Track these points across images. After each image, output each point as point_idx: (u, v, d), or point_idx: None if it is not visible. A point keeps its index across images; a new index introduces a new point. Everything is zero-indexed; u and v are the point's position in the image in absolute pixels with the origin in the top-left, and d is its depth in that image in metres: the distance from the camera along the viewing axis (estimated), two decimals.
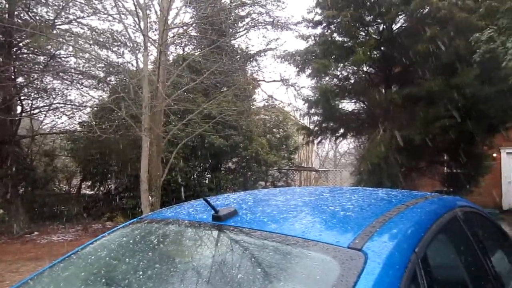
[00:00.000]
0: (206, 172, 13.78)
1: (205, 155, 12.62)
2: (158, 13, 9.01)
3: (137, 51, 9.46)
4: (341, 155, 26.75)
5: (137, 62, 9.23)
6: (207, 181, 13.26)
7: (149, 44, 8.60)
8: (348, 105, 11.16)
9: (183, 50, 14.28)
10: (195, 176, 12.80)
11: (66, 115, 11.68)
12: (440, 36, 7.53)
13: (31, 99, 11.23)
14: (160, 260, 1.55)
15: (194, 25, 11.74)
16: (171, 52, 12.94)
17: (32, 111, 11.20)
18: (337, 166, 24.81)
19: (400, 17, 9.02)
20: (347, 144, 21.40)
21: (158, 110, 8.69)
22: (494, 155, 13.01)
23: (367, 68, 10.16)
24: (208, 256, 1.46)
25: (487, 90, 7.32)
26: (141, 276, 1.42)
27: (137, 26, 8.70)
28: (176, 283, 1.35)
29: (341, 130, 10.97)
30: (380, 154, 7.96)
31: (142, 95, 8.28)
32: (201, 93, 12.05)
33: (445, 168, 11.01)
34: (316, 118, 10.74)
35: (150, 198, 8.47)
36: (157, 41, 8.53)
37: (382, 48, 9.46)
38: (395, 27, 9.40)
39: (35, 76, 10.40)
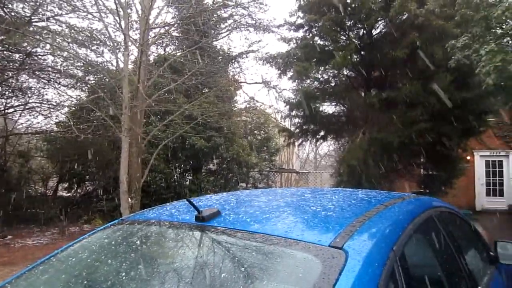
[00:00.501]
0: (187, 174, 13.70)
1: (186, 156, 12.55)
2: (139, 12, 8.93)
3: (117, 51, 9.32)
4: (321, 157, 27.01)
5: (117, 62, 9.11)
6: (188, 183, 13.18)
7: (129, 43, 8.50)
8: (328, 108, 11.32)
9: (165, 50, 14.16)
10: (175, 177, 12.70)
11: (42, 114, 11.40)
12: (417, 42, 7.73)
13: (5, 98, 10.92)
14: (142, 261, 1.54)
15: (176, 25, 11.65)
16: (152, 52, 12.82)
17: (6, 111, 10.88)
18: (317, 168, 25.05)
19: (379, 22, 9.22)
20: (327, 146, 21.65)
21: (138, 110, 8.58)
22: (468, 158, 13.44)
23: (348, 71, 10.32)
24: (191, 257, 1.46)
25: (462, 95, 7.56)
26: (123, 278, 1.41)
27: (117, 25, 8.59)
28: (158, 284, 1.35)
29: (322, 133, 11.10)
30: (359, 156, 8.10)
31: (122, 95, 8.17)
32: (183, 94, 11.97)
33: (422, 170, 11.27)
34: (297, 120, 10.84)
35: (129, 200, 8.35)
36: (138, 41, 8.44)
37: (362, 52, 9.63)
38: (374, 32, 9.60)
39: (10, 74, 10.11)
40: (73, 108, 11.56)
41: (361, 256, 1.20)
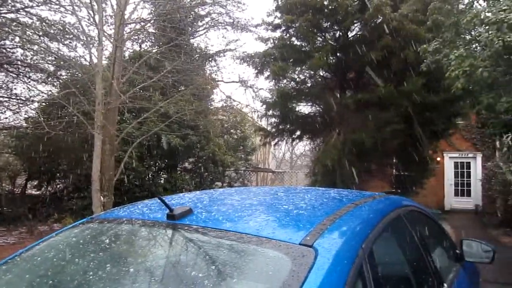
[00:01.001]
0: (162, 172, 13.52)
1: (161, 154, 12.38)
2: (115, 7, 8.72)
3: (91, 45, 9.09)
4: (297, 157, 27.21)
5: (90, 57, 8.85)
6: (162, 181, 13.00)
7: (104, 38, 8.30)
8: (305, 108, 11.43)
9: (140, 46, 13.92)
10: (150, 176, 12.51)
11: (10, 110, 10.96)
12: (391, 46, 7.92)
13: None
14: (111, 260, 1.51)
15: (152, 21, 11.48)
16: (128, 48, 12.57)
17: None
18: (293, 167, 25.24)
19: (355, 25, 9.38)
20: (303, 146, 21.83)
21: (112, 107, 8.40)
22: (438, 159, 13.87)
23: (324, 72, 10.45)
24: (161, 255, 1.45)
25: (433, 98, 7.79)
26: (90, 278, 1.38)
27: (91, 19, 8.37)
28: (128, 284, 1.32)
29: (298, 132, 11.20)
30: (333, 156, 8.22)
31: (95, 92, 7.97)
32: (158, 92, 11.80)
33: (394, 171, 11.55)
34: (273, 120, 10.90)
35: (102, 198, 8.16)
36: (113, 36, 8.26)
37: (338, 54, 9.77)
38: (350, 34, 9.76)
39: None
40: (44, 104, 11.18)
41: (330, 254, 1.22)
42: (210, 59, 15.18)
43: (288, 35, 9.53)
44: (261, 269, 1.23)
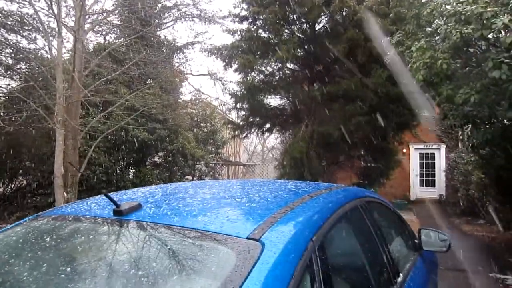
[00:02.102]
0: (130, 167, 13.23)
1: (129, 149, 12.09)
2: None
3: (51, 37, 8.69)
4: (268, 149, 27.29)
5: (50, 49, 8.45)
6: (131, 176, 12.72)
7: (65, 30, 7.96)
8: (274, 101, 11.44)
9: (105, 38, 13.47)
10: (118, 171, 12.21)
11: None
12: (357, 38, 8.00)
13: None
14: (53, 259, 1.43)
15: (115, 12, 11.11)
16: (91, 41, 12.15)
17: None
18: (264, 160, 25.31)
19: (322, 17, 9.41)
20: (274, 139, 21.92)
21: (74, 101, 8.09)
22: (404, 150, 14.27)
23: (292, 65, 10.46)
24: (105, 252, 1.39)
25: (397, 90, 7.95)
26: (30, 279, 1.30)
27: (50, 10, 7.98)
28: (69, 283, 1.25)
29: (267, 125, 11.20)
30: (302, 148, 8.27)
31: (56, 85, 7.65)
32: (124, 85, 11.50)
33: (362, 162, 11.76)
34: (242, 113, 10.84)
35: (65, 194, 7.90)
36: (73, 28, 7.93)
37: (306, 47, 9.80)
38: (318, 27, 9.79)
39: None
40: (2, 98, 10.64)
41: (277, 248, 1.19)
42: (178, 51, 14.92)
43: (255, 27, 9.45)
44: (205, 265, 1.19)
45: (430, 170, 14.86)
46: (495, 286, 5.24)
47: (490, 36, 4.60)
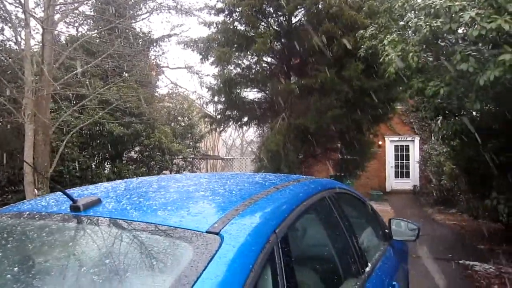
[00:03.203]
0: (106, 162, 12.96)
1: (104, 144, 11.83)
2: None
3: (20, 28, 8.36)
4: (248, 143, 27.31)
5: (17, 41, 8.13)
6: (107, 172, 12.47)
7: (34, 21, 7.67)
8: (251, 94, 11.39)
9: (77, 30, 13.07)
10: (93, 166, 11.94)
11: None
12: (332, 32, 8.03)
13: None
14: (2, 258, 1.37)
15: (88, 3, 10.79)
16: (63, 32, 11.77)
17: None
18: (243, 154, 25.31)
19: (298, 10, 9.41)
20: (253, 133, 21.93)
21: (44, 94, 7.82)
22: (380, 142, 14.52)
23: (269, 58, 10.44)
24: (59, 249, 1.34)
25: (371, 83, 8.05)
26: None
27: (17, 0, 7.67)
28: (15, 283, 1.20)
29: (245, 119, 11.16)
30: (279, 141, 8.28)
31: (24, 78, 7.38)
32: (98, 78, 11.21)
33: (338, 155, 11.88)
34: (219, 106, 10.76)
35: (36, 191, 7.66)
36: (41, 18, 7.65)
37: (282, 40, 9.79)
38: (294, 20, 9.78)
39: None
40: None
41: (237, 241, 1.18)
42: (154, 44, 14.64)
43: (231, 19, 9.36)
44: (161, 261, 1.17)
45: (404, 161, 15.19)
46: (464, 273, 5.41)
47: (460, 30, 4.71)
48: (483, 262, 5.70)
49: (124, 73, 11.81)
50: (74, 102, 10.70)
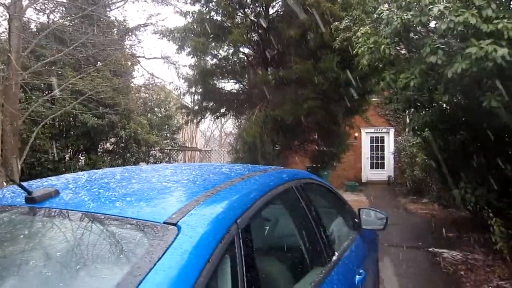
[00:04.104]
0: (80, 154, 12.68)
1: (77, 135, 11.57)
2: None
3: None
4: (226, 135, 27.21)
5: None
6: (82, 164, 12.21)
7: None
8: (229, 85, 11.33)
9: (48, 17, 12.62)
10: (67, 158, 11.67)
11: None
12: (308, 23, 8.04)
13: None
14: None
15: None
16: (32, 20, 11.34)
17: None
18: (222, 145, 25.21)
19: (276, 1, 9.37)
20: (232, 124, 21.85)
21: (12, 83, 7.56)
22: (356, 134, 14.73)
23: (246, 49, 10.39)
24: (11, 241, 1.30)
25: (346, 75, 8.12)
26: None
27: None
28: None
29: (222, 110, 11.11)
30: (255, 133, 8.29)
31: None
32: (71, 68, 10.90)
33: (315, 146, 12.00)
34: (196, 97, 10.67)
35: (5, 183, 7.44)
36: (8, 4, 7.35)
37: (260, 31, 9.74)
38: (271, 11, 9.76)
39: None
40: None
41: (194, 232, 1.16)
42: (130, 33, 14.31)
43: (207, 9, 9.25)
44: (115, 253, 1.15)
45: (380, 153, 15.48)
46: (432, 260, 5.59)
47: (432, 24, 4.80)
48: (451, 250, 5.89)
49: (98, 62, 11.54)
50: (47, 93, 10.40)
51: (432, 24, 4.78)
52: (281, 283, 1.77)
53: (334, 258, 2.17)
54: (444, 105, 5.46)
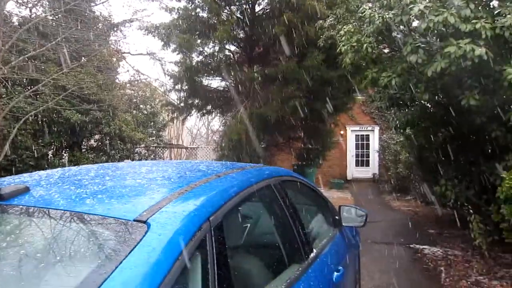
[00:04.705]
0: (64, 151, 12.48)
1: (61, 132, 11.39)
2: None
3: None
4: (213, 132, 27.11)
5: None
6: (65, 161, 12.02)
7: None
8: (216, 82, 11.28)
9: (31, 11, 12.36)
10: (50, 155, 11.47)
11: None
12: (294, 21, 8.05)
13: None
14: None
15: None
16: (14, 14, 11.11)
17: None
18: (209, 143, 25.12)
19: None
20: (219, 122, 21.76)
21: None
22: (342, 132, 14.85)
23: (233, 47, 10.36)
24: None
25: (331, 73, 8.17)
26: None
27: None
28: None
29: (208, 107, 11.06)
30: (240, 130, 8.28)
31: None
32: (55, 63, 10.71)
33: (301, 144, 12.06)
34: (182, 94, 10.59)
35: None
36: None
37: (246, 28, 9.72)
38: (257, 8, 9.74)
39: None
40: None
41: (164, 229, 1.16)
42: (115, 29, 14.12)
43: (193, 5, 9.17)
44: (83, 250, 1.14)
45: (365, 150, 15.63)
46: (414, 256, 5.68)
47: (414, 23, 4.85)
48: (431, 246, 6.01)
49: (83, 58, 11.36)
50: (29, 88, 10.20)
51: (414, 23, 4.84)
52: (256, 281, 1.77)
53: (312, 255, 2.18)
54: (425, 104, 5.54)
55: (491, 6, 4.33)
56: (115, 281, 0.95)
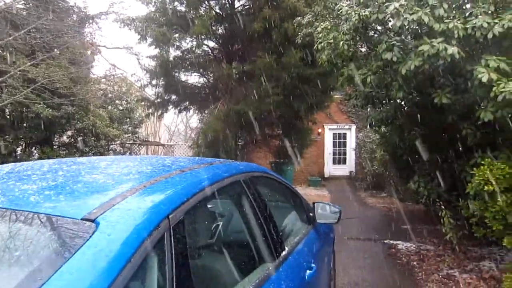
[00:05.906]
0: (34, 147, 12.04)
1: (30, 127, 10.97)
2: None
3: None
4: (192, 129, 26.84)
5: None
6: (35, 157, 11.60)
7: None
8: (193, 78, 11.12)
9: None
10: (18, 151, 11.04)
11: None
12: (272, 18, 7.99)
13: None
14: None
15: None
16: None
17: None
18: (188, 140, 24.84)
19: None
20: (197, 119, 21.54)
21: None
22: (320, 130, 14.95)
23: (211, 42, 10.22)
24: None
25: (309, 71, 8.16)
26: None
27: None
28: None
29: (186, 103, 10.89)
30: (217, 127, 8.17)
31: None
32: (24, 54, 10.30)
33: (279, 142, 12.05)
34: (158, 90, 10.39)
35: None
36: None
37: (226, 24, 9.60)
38: (237, 4, 9.64)
39: None
40: None
41: (114, 228, 1.07)
42: (91, 21, 13.70)
43: None
44: (22, 253, 1.03)
45: (342, 148, 15.78)
46: (388, 251, 5.75)
47: (391, 22, 4.87)
48: (405, 241, 6.10)
49: (55, 49, 10.98)
50: None
51: (390, 22, 4.85)
52: (222, 282, 1.70)
53: (284, 253, 2.13)
54: (400, 102, 5.59)
55: (464, 7, 4.39)
56: (53, 287, 0.85)
